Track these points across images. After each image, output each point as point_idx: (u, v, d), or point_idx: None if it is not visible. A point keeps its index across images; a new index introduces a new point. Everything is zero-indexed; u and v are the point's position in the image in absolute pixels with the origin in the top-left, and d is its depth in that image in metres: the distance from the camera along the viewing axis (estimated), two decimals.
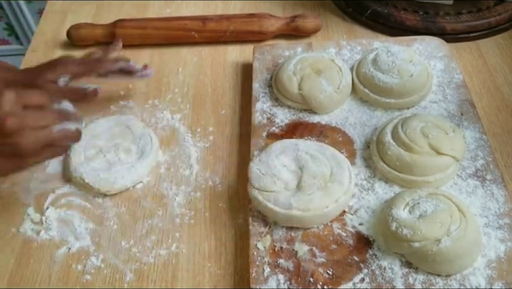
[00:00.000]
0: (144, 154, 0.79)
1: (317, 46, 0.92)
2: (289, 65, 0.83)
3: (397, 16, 0.97)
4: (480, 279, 0.60)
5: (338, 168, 0.68)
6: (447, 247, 0.59)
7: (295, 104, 0.82)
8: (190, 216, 0.74)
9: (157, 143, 0.82)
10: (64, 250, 0.71)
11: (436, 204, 0.62)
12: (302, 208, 0.65)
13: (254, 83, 0.87)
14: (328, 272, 0.63)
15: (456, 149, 0.69)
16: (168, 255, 0.70)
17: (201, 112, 0.88)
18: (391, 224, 0.62)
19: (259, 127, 0.80)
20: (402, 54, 0.81)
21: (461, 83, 0.83)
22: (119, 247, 0.71)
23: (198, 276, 0.68)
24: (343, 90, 0.81)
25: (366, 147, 0.76)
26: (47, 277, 0.69)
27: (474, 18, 0.95)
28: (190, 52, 1.00)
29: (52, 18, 1.11)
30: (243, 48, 0.99)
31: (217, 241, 0.71)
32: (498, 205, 0.67)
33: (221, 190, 0.77)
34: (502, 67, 0.91)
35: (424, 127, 0.71)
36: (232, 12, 1.08)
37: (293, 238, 0.66)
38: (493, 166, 0.71)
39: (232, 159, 0.81)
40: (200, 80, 0.94)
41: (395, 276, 0.62)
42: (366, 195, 0.70)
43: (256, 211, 0.69)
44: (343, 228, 0.67)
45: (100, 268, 0.69)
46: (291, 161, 0.70)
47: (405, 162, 0.69)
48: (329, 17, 1.05)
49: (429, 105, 0.81)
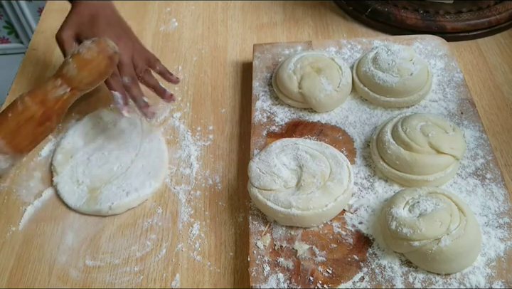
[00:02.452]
0: (152, 174, 0.77)
1: (317, 45, 0.91)
2: (289, 64, 0.83)
3: (398, 14, 0.97)
4: (480, 278, 0.60)
5: (337, 167, 0.68)
6: (447, 246, 0.59)
7: (295, 103, 0.82)
8: (190, 214, 0.74)
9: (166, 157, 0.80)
10: (64, 249, 0.71)
11: (436, 203, 0.62)
12: (302, 207, 0.65)
13: (254, 82, 0.87)
14: (327, 271, 0.63)
15: (456, 148, 0.69)
16: (168, 254, 0.70)
17: (201, 110, 0.88)
18: (391, 223, 0.62)
19: (259, 126, 0.80)
20: (402, 53, 0.81)
21: (461, 82, 0.83)
22: (119, 245, 0.71)
23: (198, 275, 0.68)
24: (343, 89, 0.81)
25: (366, 146, 0.76)
26: (47, 276, 0.69)
27: (474, 16, 0.95)
28: (190, 50, 1.00)
29: (52, 17, 1.11)
30: (243, 46, 1.00)
31: (217, 240, 0.71)
32: (498, 204, 0.67)
33: (221, 189, 0.77)
34: (502, 66, 0.91)
35: (424, 126, 0.70)
36: (231, 12, 1.08)
37: (293, 236, 0.66)
38: (492, 165, 0.71)
39: (232, 158, 0.81)
40: (200, 78, 0.94)
41: (395, 275, 0.62)
42: (366, 194, 0.70)
43: (256, 209, 0.69)
44: (343, 227, 0.67)
45: (100, 266, 0.69)
46: (291, 160, 0.70)
47: (405, 161, 0.69)
48: (329, 16, 1.05)
49: (429, 104, 0.81)
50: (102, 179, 0.77)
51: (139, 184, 0.76)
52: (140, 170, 0.78)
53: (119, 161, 0.79)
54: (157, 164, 0.79)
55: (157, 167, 0.78)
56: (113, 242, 0.72)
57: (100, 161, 0.80)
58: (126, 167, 0.78)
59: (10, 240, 0.73)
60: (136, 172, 0.78)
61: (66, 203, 0.76)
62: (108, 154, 0.80)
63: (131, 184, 0.76)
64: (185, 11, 1.09)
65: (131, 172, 0.78)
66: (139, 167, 0.78)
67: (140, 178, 0.77)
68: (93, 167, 0.79)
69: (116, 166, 0.79)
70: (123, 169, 0.78)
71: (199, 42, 1.02)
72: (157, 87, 0.82)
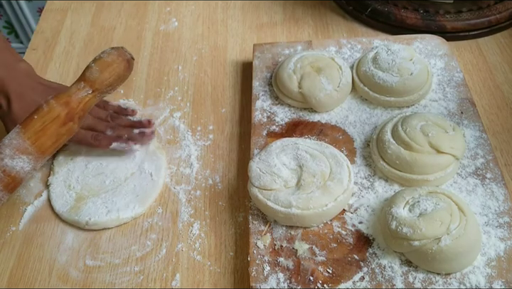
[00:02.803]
0: (139, 198, 0.75)
1: (317, 44, 0.91)
2: (289, 64, 0.83)
3: (398, 14, 0.97)
4: (480, 277, 0.60)
5: (337, 166, 0.68)
6: (447, 245, 0.59)
7: (295, 103, 0.82)
8: (190, 214, 0.74)
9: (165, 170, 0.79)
10: (64, 249, 0.71)
11: (436, 203, 0.62)
12: (302, 206, 0.65)
13: (254, 82, 0.87)
14: (328, 270, 0.63)
15: (456, 148, 0.69)
16: (168, 254, 0.70)
17: (201, 110, 0.88)
18: (391, 223, 0.62)
19: (259, 126, 0.80)
20: (402, 52, 0.81)
21: (461, 82, 0.83)
22: (119, 245, 0.71)
23: (198, 274, 0.68)
24: (343, 89, 0.81)
25: (366, 146, 0.76)
26: (47, 276, 0.69)
27: (474, 16, 0.95)
28: (190, 50, 1.00)
29: (51, 17, 1.10)
30: (243, 46, 1.00)
31: (217, 240, 0.71)
32: (498, 203, 0.67)
33: (221, 188, 0.77)
34: (502, 65, 0.91)
35: (424, 126, 0.70)
36: (231, 11, 1.08)
37: (293, 236, 0.66)
38: (493, 165, 0.71)
39: (232, 158, 0.81)
40: (200, 78, 0.94)
41: (395, 275, 0.62)
42: (366, 193, 0.70)
43: (256, 209, 0.69)
44: (343, 227, 0.67)
45: (100, 266, 0.69)
46: (291, 160, 0.70)
47: (405, 161, 0.69)
48: (329, 15, 1.05)
49: (429, 104, 0.81)
50: (91, 190, 0.76)
51: (123, 204, 0.74)
52: (130, 190, 0.76)
53: (113, 176, 0.78)
54: (148, 189, 0.76)
55: (147, 192, 0.76)
56: (113, 242, 0.72)
57: (96, 170, 0.79)
58: (118, 184, 0.77)
59: (10, 240, 0.73)
60: (126, 191, 0.76)
61: (52, 206, 0.75)
62: (106, 165, 0.79)
63: (116, 203, 0.74)
64: (185, 10, 1.09)
65: (121, 190, 0.76)
66: (130, 187, 0.76)
67: (127, 198, 0.75)
68: (88, 175, 0.78)
69: (110, 179, 0.77)
70: (114, 184, 0.77)
71: (199, 42, 1.02)
72: (133, 123, 0.82)
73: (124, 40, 1.03)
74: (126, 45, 0.99)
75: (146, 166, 0.79)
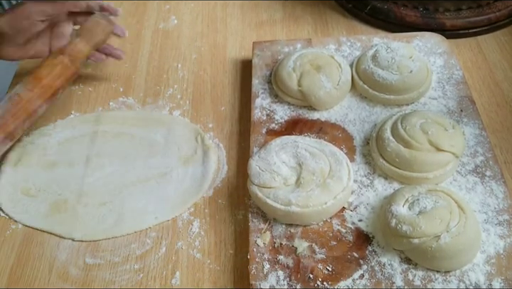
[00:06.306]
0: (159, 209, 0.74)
1: (317, 42, 0.91)
2: (288, 62, 0.83)
3: (397, 12, 0.97)
4: (479, 275, 0.60)
5: (337, 164, 0.68)
6: (447, 243, 0.59)
7: (295, 101, 0.82)
8: (189, 212, 0.74)
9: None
10: (64, 247, 0.71)
11: (436, 201, 0.62)
12: (301, 204, 0.65)
13: (253, 80, 0.86)
14: (327, 268, 0.63)
15: (455, 146, 0.69)
16: (168, 252, 0.70)
17: (201, 108, 0.88)
18: (390, 220, 0.62)
19: (259, 124, 0.80)
20: (401, 50, 0.81)
21: (461, 79, 0.83)
22: (119, 243, 0.71)
23: (197, 272, 0.68)
24: (343, 87, 0.81)
25: (365, 144, 0.76)
26: (47, 274, 0.69)
27: (474, 14, 0.95)
28: (190, 48, 1.00)
29: None
30: (243, 44, 0.99)
31: (217, 238, 0.71)
32: (498, 201, 0.67)
33: (221, 186, 0.77)
34: (502, 63, 0.91)
35: (423, 124, 0.70)
36: (231, 9, 1.08)
37: (292, 234, 0.66)
38: (492, 163, 0.71)
39: (231, 156, 0.81)
40: (199, 76, 0.94)
41: (395, 272, 0.62)
42: (366, 191, 0.70)
43: (255, 207, 0.69)
44: (343, 225, 0.67)
45: (100, 264, 0.69)
46: (290, 158, 0.70)
47: (405, 159, 0.69)
48: (329, 13, 1.04)
49: (429, 102, 0.81)
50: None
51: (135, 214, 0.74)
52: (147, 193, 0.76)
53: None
54: (175, 201, 0.74)
55: (172, 205, 0.74)
56: (113, 240, 0.72)
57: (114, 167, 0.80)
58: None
59: (10, 238, 0.73)
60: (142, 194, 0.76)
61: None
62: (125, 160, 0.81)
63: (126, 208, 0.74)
64: (184, 8, 1.09)
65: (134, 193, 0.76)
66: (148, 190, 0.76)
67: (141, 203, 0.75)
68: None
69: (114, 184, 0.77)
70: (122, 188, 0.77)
71: (198, 40, 1.02)
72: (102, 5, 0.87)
73: (123, 38, 1.03)
74: (125, 43, 0.99)
75: (180, 171, 0.79)
